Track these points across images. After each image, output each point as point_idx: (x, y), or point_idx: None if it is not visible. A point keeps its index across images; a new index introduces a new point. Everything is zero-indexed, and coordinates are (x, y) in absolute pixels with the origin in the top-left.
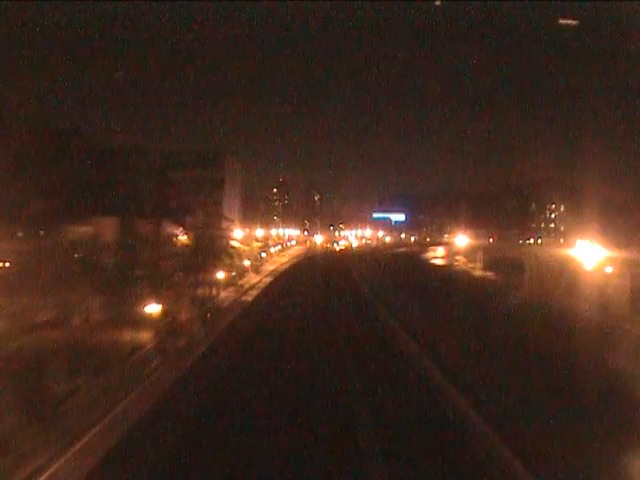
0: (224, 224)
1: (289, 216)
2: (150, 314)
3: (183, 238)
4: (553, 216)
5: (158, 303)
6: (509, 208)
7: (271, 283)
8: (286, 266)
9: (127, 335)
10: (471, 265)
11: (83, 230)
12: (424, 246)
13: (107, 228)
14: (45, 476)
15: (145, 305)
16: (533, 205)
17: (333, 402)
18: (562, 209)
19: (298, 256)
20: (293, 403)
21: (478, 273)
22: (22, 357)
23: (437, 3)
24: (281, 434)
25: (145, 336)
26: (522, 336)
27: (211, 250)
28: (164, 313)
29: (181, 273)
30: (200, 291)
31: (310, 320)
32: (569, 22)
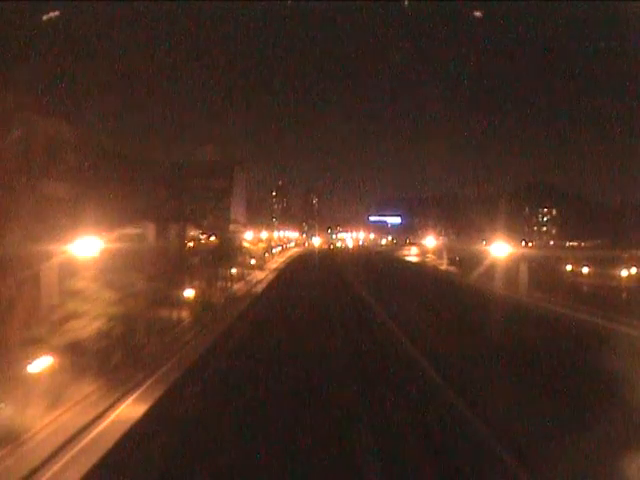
0: (236, 227)
1: (288, 218)
2: (188, 297)
3: (212, 239)
4: (545, 220)
5: (192, 289)
6: (503, 212)
7: (274, 279)
8: (286, 264)
9: (175, 310)
10: (439, 261)
11: (135, 232)
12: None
13: (148, 230)
14: (135, 396)
15: (184, 290)
16: (526, 209)
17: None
18: (554, 213)
19: (297, 256)
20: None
21: (432, 261)
22: (123, 315)
23: (405, 3)
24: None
25: (186, 312)
26: (451, 298)
27: (229, 249)
28: (196, 296)
29: (203, 267)
30: (220, 283)
31: (308, 296)
32: (477, 14)
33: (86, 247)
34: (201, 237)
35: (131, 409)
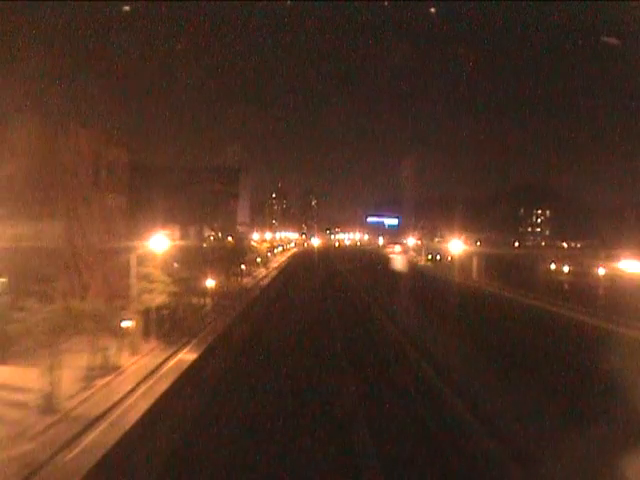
0: (242, 228)
1: (287, 219)
2: (210, 287)
3: (229, 239)
4: (539, 221)
5: (213, 280)
6: (498, 213)
7: (277, 275)
8: (287, 263)
9: (201, 295)
10: (418, 257)
11: (165, 233)
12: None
13: (175, 231)
14: (179, 356)
15: (206, 280)
16: (522, 210)
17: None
18: (548, 214)
19: (297, 255)
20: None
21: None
22: (174, 293)
23: (385, 3)
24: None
25: (209, 298)
26: (420, 281)
27: (240, 248)
28: (216, 286)
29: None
30: (232, 277)
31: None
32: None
33: (157, 243)
34: (211, 237)
35: (186, 356)
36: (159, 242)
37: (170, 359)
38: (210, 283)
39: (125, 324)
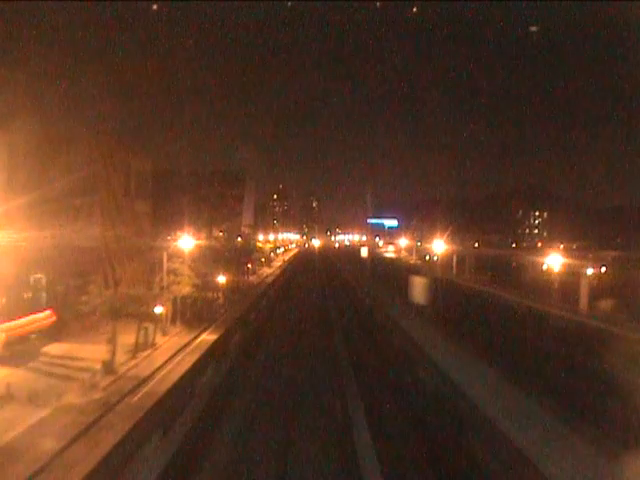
0: (247, 230)
1: (288, 221)
2: (222, 282)
3: (239, 239)
4: (537, 222)
5: (224, 276)
6: (497, 215)
7: (280, 273)
8: (288, 262)
9: (214, 290)
10: (410, 257)
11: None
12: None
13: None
14: (202, 337)
15: (218, 276)
16: (520, 212)
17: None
18: (545, 216)
19: (298, 256)
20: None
21: (405, 257)
22: (196, 286)
23: (377, 4)
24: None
25: (221, 292)
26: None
27: (247, 248)
28: (227, 282)
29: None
30: (240, 275)
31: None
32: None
33: (185, 243)
34: (221, 233)
35: (207, 337)
36: (186, 242)
37: (195, 339)
38: (222, 279)
39: (157, 310)
